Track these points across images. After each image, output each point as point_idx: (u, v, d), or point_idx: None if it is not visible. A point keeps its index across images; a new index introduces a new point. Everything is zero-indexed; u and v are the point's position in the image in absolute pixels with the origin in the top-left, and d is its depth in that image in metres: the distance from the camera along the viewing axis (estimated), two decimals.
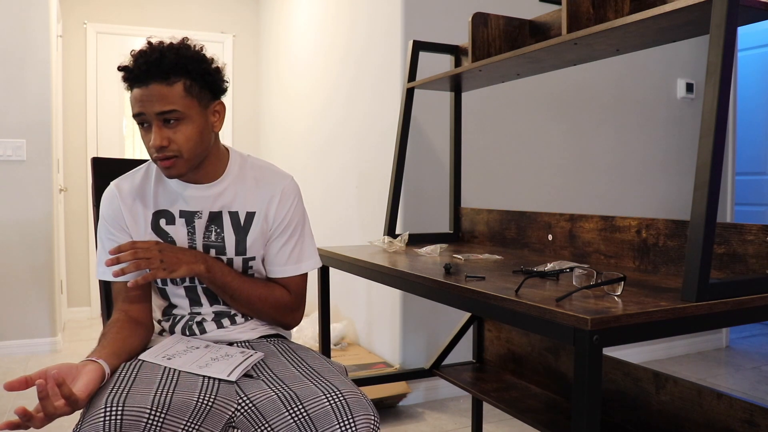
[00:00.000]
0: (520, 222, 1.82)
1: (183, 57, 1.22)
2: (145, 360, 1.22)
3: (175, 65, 1.20)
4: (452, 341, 2.10)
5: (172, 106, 1.20)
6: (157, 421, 1.03)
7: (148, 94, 1.20)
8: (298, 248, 1.38)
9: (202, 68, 1.25)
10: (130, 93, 1.24)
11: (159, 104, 1.20)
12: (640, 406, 1.50)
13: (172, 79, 1.20)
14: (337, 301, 3.15)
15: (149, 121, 1.22)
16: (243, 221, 1.34)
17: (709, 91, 1.01)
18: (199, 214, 1.32)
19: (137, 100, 1.21)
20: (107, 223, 1.32)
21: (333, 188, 3.41)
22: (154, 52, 1.21)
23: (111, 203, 1.32)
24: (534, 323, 1.02)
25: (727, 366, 3.33)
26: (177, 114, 1.21)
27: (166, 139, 1.21)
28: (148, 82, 1.20)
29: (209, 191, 1.32)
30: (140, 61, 1.20)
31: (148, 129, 1.23)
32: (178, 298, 1.35)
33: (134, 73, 1.21)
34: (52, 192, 3.51)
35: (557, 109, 3.08)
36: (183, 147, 1.22)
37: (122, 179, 1.35)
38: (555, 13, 1.73)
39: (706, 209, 0.99)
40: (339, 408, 1.08)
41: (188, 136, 1.23)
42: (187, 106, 1.22)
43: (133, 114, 1.23)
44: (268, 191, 1.35)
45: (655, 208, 3.34)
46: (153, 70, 1.19)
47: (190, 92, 1.23)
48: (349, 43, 3.23)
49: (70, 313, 4.38)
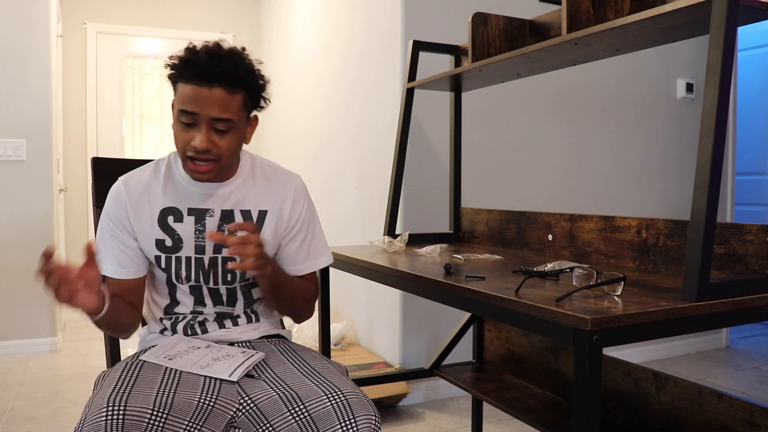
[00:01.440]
0: (520, 222, 1.82)
1: (250, 71, 1.24)
2: (147, 360, 1.22)
3: (243, 78, 1.22)
4: (452, 341, 2.10)
5: (230, 115, 1.21)
6: (159, 421, 1.03)
7: (209, 96, 1.19)
8: (315, 244, 1.42)
9: (259, 85, 1.27)
10: (180, 86, 1.21)
11: (218, 110, 1.19)
12: (640, 406, 1.50)
13: (235, 89, 1.21)
14: (337, 301, 3.15)
15: (199, 121, 1.20)
16: (255, 219, 1.35)
17: (709, 91, 1.01)
18: (211, 212, 1.32)
19: (193, 99, 1.19)
20: (110, 220, 1.31)
21: (333, 188, 3.41)
22: (227, 59, 1.20)
23: (117, 201, 1.31)
24: (534, 323, 1.02)
25: (727, 366, 3.33)
26: (230, 124, 1.22)
27: (211, 143, 1.21)
28: (213, 85, 1.19)
29: (221, 190, 1.32)
30: (213, 63, 1.19)
31: (191, 127, 1.21)
32: (182, 295, 1.35)
33: (202, 72, 1.18)
34: (52, 192, 3.51)
35: (557, 109, 3.08)
36: (224, 154, 1.24)
37: (130, 176, 1.34)
38: (555, 13, 1.73)
39: (706, 209, 0.99)
40: (340, 408, 1.08)
41: (230, 145, 1.24)
42: (239, 117, 1.24)
43: (182, 109, 1.20)
44: (280, 191, 1.37)
45: (655, 208, 3.34)
46: (223, 76, 1.19)
47: (245, 105, 1.25)
48: (349, 43, 3.23)
49: (70, 313, 4.38)
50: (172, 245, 1.31)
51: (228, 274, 1.33)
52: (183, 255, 1.31)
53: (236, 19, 4.86)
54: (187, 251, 1.31)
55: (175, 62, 1.22)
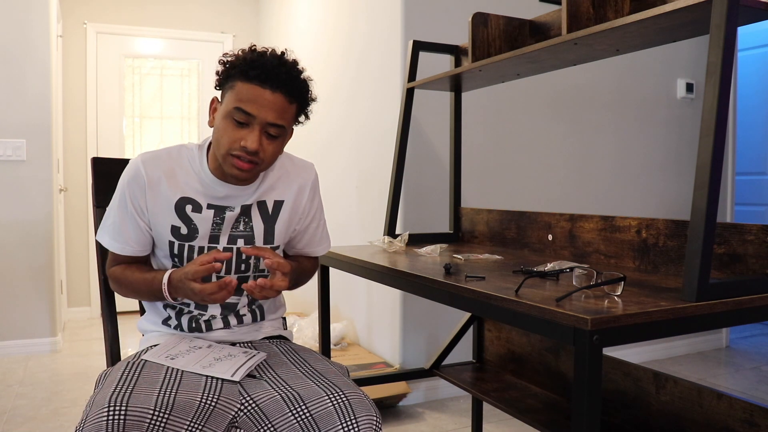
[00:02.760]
0: (520, 222, 1.82)
1: (307, 86, 1.29)
2: (149, 360, 1.22)
3: (302, 91, 1.27)
4: (452, 341, 2.10)
5: (285, 123, 1.25)
6: (161, 421, 1.03)
7: (271, 100, 1.21)
8: (320, 232, 1.50)
9: (309, 102, 1.32)
10: (239, 84, 1.22)
11: (276, 115, 1.22)
12: (640, 406, 1.50)
13: (293, 99, 1.25)
14: (337, 301, 3.15)
15: (254, 123, 1.22)
16: (271, 210, 1.36)
17: (709, 91, 1.01)
18: (231, 208, 1.32)
19: (254, 100, 1.21)
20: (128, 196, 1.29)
21: (333, 188, 3.41)
22: (295, 70, 1.25)
23: (136, 178, 1.29)
24: (534, 323, 1.02)
25: (727, 366, 3.33)
26: (282, 131, 1.26)
27: (261, 147, 1.23)
28: (276, 90, 1.21)
29: (244, 191, 1.33)
30: (282, 69, 1.22)
31: (243, 127, 1.22)
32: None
33: (269, 74, 1.20)
34: (52, 192, 3.51)
35: (557, 109, 3.08)
36: (268, 159, 1.26)
37: (152, 156, 1.31)
38: (555, 13, 1.73)
39: (706, 209, 1.00)
40: (342, 408, 1.08)
41: (275, 152, 1.27)
42: (289, 127, 1.28)
43: (240, 108, 1.21)
44: (297, 181, 1.39)
45: (655, 208, 3.34)
46: (287, 85, 1.22)
47: (296, 117, 1.30)
48: (349, 43, 3.23)
49: (70, 313, 4.38)
50: (188, 234, 1.30)
51: (242, 264, 1.33)
52: (197, 244, 1.31)
53: (236, 19, 4.86)
54: (201, 241, 1.31)
55: (239, 61, 1.23)
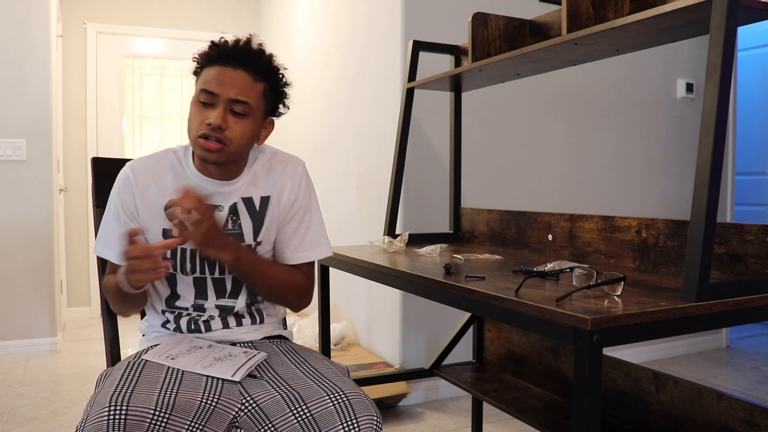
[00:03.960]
0: (520, 222, 1.82)
1: (276, 67, 1.30)
2: (149, 360, 1.22)
3: (267, 68, 1.28)
4: (452, 341, 2.10)
5: (248, 99, 1.24)
6: (161, 421, 1.03)
7: (233, 77, 1.23)
8: (310, 233, 1.39)
9: (282, 83, 1.32)
10: (205, 70, 1.26)
11: (238, 91, 1.23)
12: (640, 406, 1.50)
13: (258, 77, 1.26)
14: (337, 301, 3.15)
15: (217, 102, 1.23)
16: (258, 206, 1.35)
17: (709, 91, 1.01)
18: (220, 208, 1.32)
19: (216, 79, 1.23)
20: (120, 205, 1.31)
21: (333, 188, 3.41)
22: (256, 49, 1.28)
23: (125, 185, 1.31)
24: (534, 323, 1.02)
25: (727, 366, 3.33)
26: (247, 108, 1.25)
27: (225, 123, 1.23)
28: (239, 67, 1.24)
29: (230, 187, 1.33)
30: (242, 46, 1.26)
31: (208, 108, 1.24)
32: (184, 287, 1.34)
33: (230, 53, 1.24)
34: (52, 192, 3.51)
35: (557, 109, 3.08)
36: (235, 139, 1.25)
37: (139, 163, 1.33)
38: (555, 13, 1.73)
39: (706, 209, 0.99)
40: (342, 408, 1.08)
41: (243, 133, 1.26)
42: (258, 106, 1.27)
43: (203, 89, 1.24)
44: (281, 175, 1.37)
45: (655, 208, 3.34)
46: (249, 60, 1.25)
47: (265, 97, 1.29)
48: (349, 43, 3.23)
49: (70, 313, 4.38)
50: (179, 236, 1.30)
51: None
52: (188, 246, 1.31)
53: (236, 19, 4.86)
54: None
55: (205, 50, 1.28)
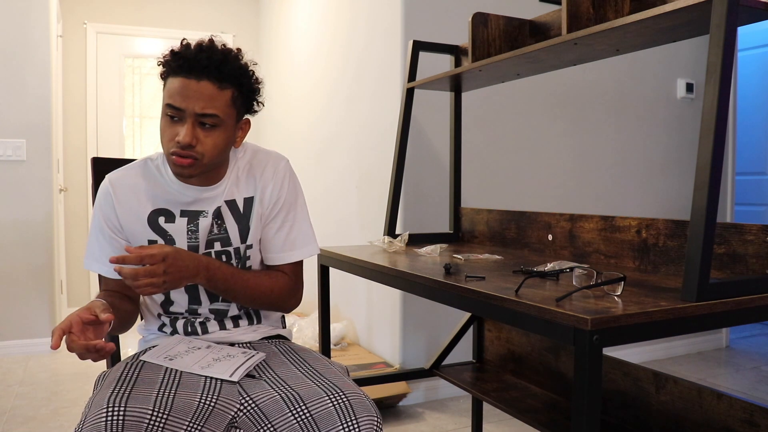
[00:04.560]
0: (520, 222, 1.82)
1: (241, 68, 1.23)
2: (147, 360, 1.22)
3: (233, 73, 1.20)
4: (452, 341, 2.10)
5: (216, 111, 1.19)
6: (159, 421, 1.03)
7: (197, 90, 1.18)
8: (294, 232, 1.36)
9: (251, 83, 1.26)
10: (169, 80, 1.20)
11: (204, 105, 1.18)
12: (640, 406, 1.50)
13: (224, 85, 1.20)
14: (337, 301, 3.15)
15: (184, 116, 1.19)
16: (242, 208, 1.33)
17: (709, 91, 1.01)
18: (204, 213, 1.31)
19: (180, 93, 1.18)
20: (101, 218, 1.31)
21: (333, 188, 3.41)
22: (218, 53, 1.20)
23: (105, 199, 1.31)
24: (534, 323, 1.02)
25: (727, 366, 3.33)
26: (216, 120, 1.20)
27: (195, 139, 1.19)
28: (202, 78, 1.18)
29: (212, 192, 1.31)
30: (202, 55, 1.18)
31: (176, 122, 1.20)
32: (177, 294, 1.34)
33: (191, 63, 1.17)
34: (52, 192, 3.51)
35: (557, 109, 3.08)
36: (207, 153, 1.21)
37: (117, 175, 1.32)
38: (555, 13, 1.73)
39: (706, 209, 0.99)
40: (342, 408, 1.08)
41: (216, 144, 1.22)
42: (227, 115, 1.22)
43: (169, 103, 1.19)
44: (262, 174, 1.34)
45: (655, 208, 3.34)
46: (212, 69, 1.18)
47: (234, 103, 1.23)
48: (349, 43, 3.23)
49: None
50: None
51: None
52: None
53: (236, 19, 4.86)
54: None
55: (167, 57, 1.21)
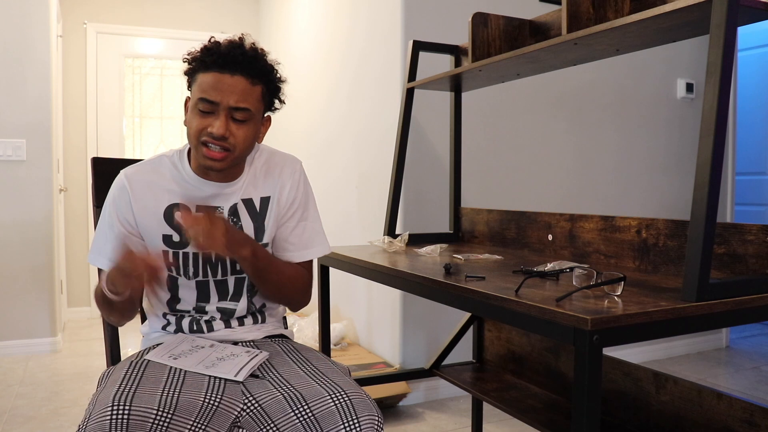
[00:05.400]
0: (520, 222, 1.82)
1: (269, 65, 1.29)
2: (152, 359, 1.22)
3: (264, 69, 1.27)
4: (452, 341, 2.10)
5: (249, 105, 1.24)
6: (164, 421, 1.03)
7: (231, 84, 1.22)
8: (308, 232, 1.41)
9: (277, 81, 1.31)
10: (200, 75, 1.24)
11: (238, 98, 1.22)
12: (640, 406, 1.50)
13: (256, 80, 1.25)
14: (337, 301, 3.15)
15: (218, 110, 1.22)
16: (259, 207, 1.36)
17: (709, 91, 1.01)
18: (220, 209, 1.33)
19: (215, 87, 1.21)
20: (113, 213, 1.31)
21: (333, 188, 3.41)
22: (251, 50, 1.25)
23: (120, 194, 1.31)
24: (534, 323, 1.02)
25: (727, 366, 3.33)
26: (248, 114, 1.25)
27: (228, 131, 1.23)
28: (236, 72, 1.22)
29: (230, 189, 1.33)
30: (237, 51, 1.23)
31: (208, 116, 1.23)
32: (186, 291, 1.34)
33: (226, 58, 1.22)
34: (52, 192, 3.51)
35: (557, 109, 3.08)
36: (239, 145, 1.25)
37: (134, 170, 1.33)
38: (555, 13, 1.73)
39: (706, 209, 0.99)
40: (343, 408, 1.08)
41: (246, 137, 1.26)
42: (258, 110, 1.27)
43: (202, 97, 1.22)
44: (279, 175, 1.38)
45: (655, 208, 3.34)
46: (246, 64, 1.23)
47: (263, 99, 1.28)
48: (349, 43, 3.23)
49: (70, 313, 4.38)
50: (180, 241, 1.30)
51: (237, 263, 1.33)
52: (190, 251, 1.31)
53: (236, 19, 4.86)
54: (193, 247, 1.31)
55: (196, 54, 1.25)
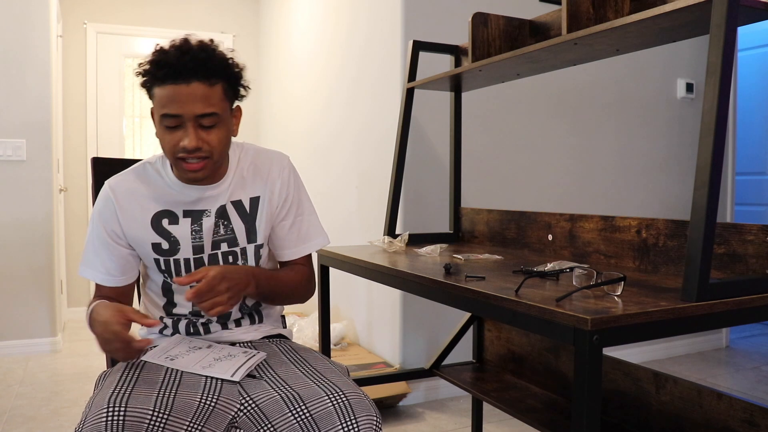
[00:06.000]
0: (520, 222, 1.82)
1: (225, 59, 1.22)
2: (148, 360, 1.22)
3: (219, 67, 1.19)
4: (452, 341, 2.10)
5: (214, 108, 1.19)
6: (160, 421, 1.03)
7: (189, 93, 1.16)
8: (305, 226, 1.40)
9: (236, 72, 1.25)
10: (156, 90, 1.18)
11: (201, 106, 1.17)
12: (640, 406, 1.50)
13: (214, 80, 1.19)
14: (337, 301, 3.15)
15: (184, 122, 1.18)
16: (249, 208, 1.34)
17: (709, 91, 1.01)
18: (208, 212, 1.31)
19: (173, 100, 1.16)
20: (101, 225, 1.30)
21: (333, 188, 3.41)
22: (201, 51, 1.18)
23: (106, 206, 1.30)
24: (534, 323, 1.02)
25: (727, 366, 3.33)
26: (216, 118, 1.20)
27: (201, 141, 1.19)
28: (191, 80, 1.16)
29: (214, 191, 1.31)
30: (186, 57, 1.15)
31: (176, 129, 1.19)
32: (181, 297, 1.34)
33: (177, 69, 1.15)
34: (52, 192, 3.51)
35: (557, 109, 3.08)
36: (215, 149, 1.22)
37: (118, 180, 1.32)
38: (555, 13, 1.73)
39: (706, 209, 0.99)
40: (341, 408, 1.08)
41: (220, 139, 1.22)
42: (224, 109, 1.22)
43: (165, 113, 1.17)
44: (268, 174, 1.36)
45: (655, 208, 3.34)
46: (199, 68, 1.16)
47: (226, 95, 1.23)
48: (350, 43, 3.23)
49: (70, 313, 4.38)
50: (169, 248, 1.30)
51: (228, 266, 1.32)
52: (181, 257, 1.30)
53: (236, 19, 4.86)
54: (185, 253, 1.30)
55: (146, 67, 1.19)
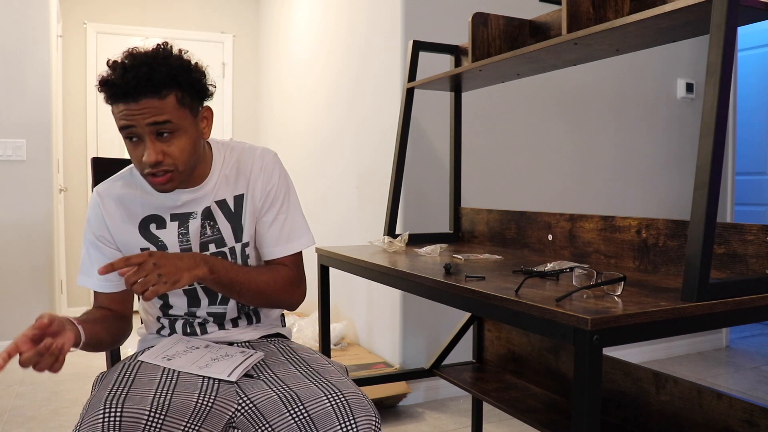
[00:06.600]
0: (520, 222, 1.82)
1: (173, 68, 1.15)
2: (145, 361, 1.22)
3: (166, 78, 1.13)
4: (452, 341, 2.10)
5: (168, 116, 1.14)
6: (157, 422, 1.03)
7: (139, 109, 1.12)
8: (288, 225, 1.34)
9: (192, 77, 1.19)
10: (112, 106, 1.16)
11: (153, 115, 1.13)
12: (640, 406, 1.50)
13: (163, 92, 1.13)
14: (337, 301, 3.15)
15: (140, 134, 1.15)
16: (233, 207, 1.32)
17: (709, 91, 1.01)
18: (194, 215, 1.30)
19: (126, 116, 1.13)
20: (92, 232, 1.30)
21: (333, 188, 3.41)
22: (143, 66, 1.12)
23: (95, 212, 1.30)
24: (534, 323, 1.02)
25: (727, 366, 3.33)
26: (171, 126, 1.15)
27: (161, 154, 1.15)
28: (139, 98, 1.12)
29: (200, 192, 1.30)
30: (129, 75, 1.11)
31: (138, 143, 1.16)
32: (175, 297, 1.34)
33: (122, 89, 1.11)
34: (52, 192, 3.51)
35: (557, 109, 3.08)
36: (178, 160, 1.17)
37: (105, 187, 1.31)
38: (555, 13, 1.73)
39: (706, 209, 0.99)
40: (340, 408, 1.07)
41: (183, 148, 1.18)
42: (181, 117, 1.17)
43: (120, 128, 1.15)
44: (251, 170, 1.32)
45: (655, 208, 3.34)
46: (143, 85, 1.11)
47: (182, 103, 1.17)
48: (350, 43, 3.23)
49: (70, 313, 4.37)
50: None
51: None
52: None
53: (236, 19, 4.86)
54: None
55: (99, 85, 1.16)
